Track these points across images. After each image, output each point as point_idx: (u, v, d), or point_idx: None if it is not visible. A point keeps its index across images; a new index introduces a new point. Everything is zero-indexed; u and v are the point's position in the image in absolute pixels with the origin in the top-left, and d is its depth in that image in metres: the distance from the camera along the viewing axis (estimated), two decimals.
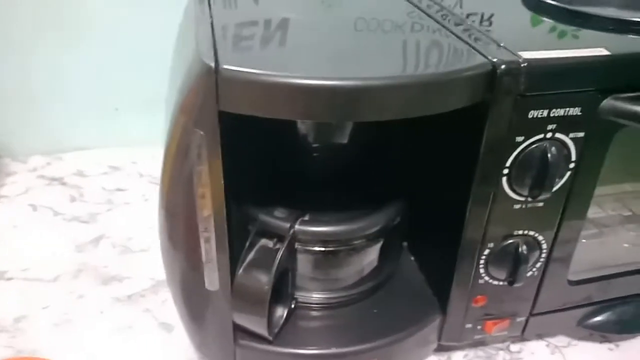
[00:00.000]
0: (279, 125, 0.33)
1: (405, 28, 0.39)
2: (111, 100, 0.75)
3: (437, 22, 0.39)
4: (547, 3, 0.42)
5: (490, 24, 0.39)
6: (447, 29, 0.38)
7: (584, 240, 0.46)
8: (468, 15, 0.41)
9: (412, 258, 0.49)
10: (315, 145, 0.41)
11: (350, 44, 0.36)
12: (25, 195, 0.68)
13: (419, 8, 0.43)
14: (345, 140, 0.40)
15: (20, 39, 0.69)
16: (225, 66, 0.29)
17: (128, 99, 0.75)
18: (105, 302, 0.52)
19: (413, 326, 0.43)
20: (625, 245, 0.48)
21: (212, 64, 0.29)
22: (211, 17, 0.37)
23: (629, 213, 0.48)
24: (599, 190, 0.40)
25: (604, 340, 0.49)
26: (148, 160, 0.74)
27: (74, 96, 0.74)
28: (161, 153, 0.35)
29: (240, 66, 0.29)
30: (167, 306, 0.51)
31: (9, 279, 0.55)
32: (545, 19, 0.42)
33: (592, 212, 0.46)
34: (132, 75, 0.73)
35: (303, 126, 0.39)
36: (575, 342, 0.49)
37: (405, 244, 0.50)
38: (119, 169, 0.73)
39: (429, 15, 0.41)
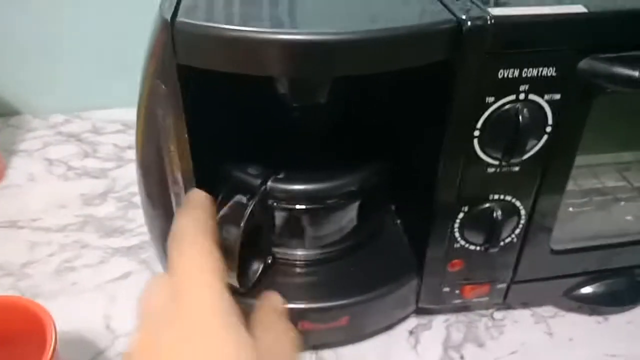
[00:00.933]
0: (256, 82, 0.33)
1: None
2: (125, 60, 0.77)
3: None
4: None
5: None
6: None
7: (570, 209, 0.45)
8: None
9: (399, 221, 0.49)
10: (293, 103, 0.41)
11: None
12: (42, 150, 0.71)
13: None
14: (323, 100, 0.40)
15: (35, 4, 0.71)
16: (181, 19, 0.29)
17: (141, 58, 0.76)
18: (106, 253, 0.54)
19: (389, 285, 0.43)
20: (617, 216, 0.46)
21: (169, 17, 0.29)
22: None
23: (622, 183, 0.46)
24: (585, 158, 0.39)
25: (593, 312, 0.48)
26: None
27: (91, 57, 0.76)
28: None
29: (195, 19, 0.29)
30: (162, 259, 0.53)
31: (20, 227, 0.58)
32: None
33: (581, 180, 0.45)
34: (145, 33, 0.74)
35: (281, 84, 0.39)
36: (562, 313, 0.48)
37: (393, 207, 0.50)
38: (131, 127, 0.74)
39: None
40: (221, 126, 0.40)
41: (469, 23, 0.31)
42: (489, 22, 0.31)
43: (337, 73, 0.30)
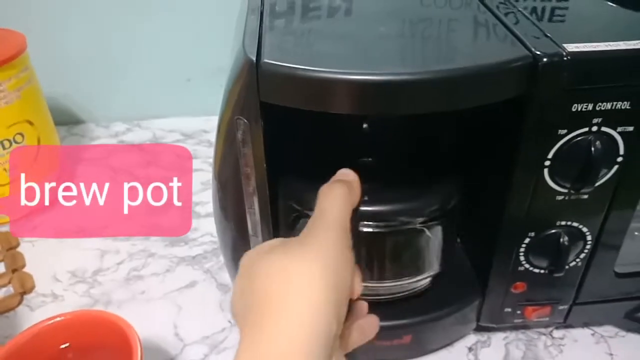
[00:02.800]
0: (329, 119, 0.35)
1: (452, 15, 0.39)
2: (184, 71, 0.79)
3: (488, 9, 0.39)
4: None
5: (544, 12, 0.38)
6: (497, 17, 0.37)
7: (636, 233, 0.45)
8: (523, 2, 0.40)
9: (459, 240, 0.49)
10: (365, 126, 0.42)
11: (394, 34, 0.36)
12: (106, 158, 0.74)
13: None
14: (389, 133, 0.41)
15: (102, 12, 0.74)
16: (267, 60, 0.31)
17: (199, 70, 0.79)
18: (172, 262, 0.57)
19: (452, 305, 0.44)
20: None
21: (254, 58, 0.31)
22: (262, 5, 0.39)
23: None
24: None
25: None
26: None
27: (151, 68, 0.79)
28: None
29: (280, 60, 0.31)
30: (225, 268, 0.55)
31: (89, 235, 0.61)
32: (609, 3, 0.40)
33: None
34: (203, 47, 0.76)
35: (349, 121, 0.40)
36: (623, 333, 0.48)
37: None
38: (190, 137, 0.77)
39: (481, 2, 0.40)
40: (296, 150, 0.42)
41: (544, 59, 0.32)
42: (565, 58, 0.32)
43: (415, 110, 0.31)
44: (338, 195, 0.30)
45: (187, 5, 0.74)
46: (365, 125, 0.42)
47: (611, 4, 0.40)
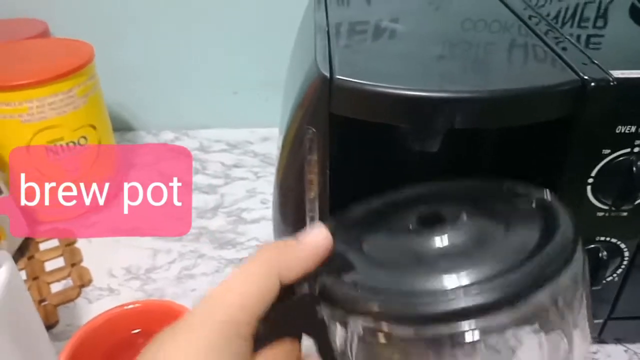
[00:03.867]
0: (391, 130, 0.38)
1: (505, 41, 0.42)
2: (231, 85, 0.83)
3: (537, 36, 0.42)
4: None
5: (590, 39, 0.41)
6: (546, 43, 0.40)
7: None
8: (569, 29, 0.43)
9: None
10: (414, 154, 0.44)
11: (451, 55, 0.39)
12: (156, 164, 0.78)
13: (522, 20, 0.45)
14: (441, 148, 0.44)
15: (158, 28, 0.79)
16: (339, 76, 0.34)
17: (245, 84, 0.83)
18: (220, 263, 0.60)
19: None
20: None
21: (328, 74, 0.34)
22: (328, 26, 0.43)
23: None
24: None
25: None
26: (261, 142, 0.82)
27: (200, 80, 0.83)
28: (273, 135, 0.42)
29: (351, 77, 0.34)
30: None
31: (142, 235, 0.65)
32: None
33: None
34: (249, 63, 0.81)
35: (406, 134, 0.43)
36: None
37: None
38: (236, 147, 0.81)
39: (529, 29, 0.43)
40: (358, 164, 0.44)
41: (592, 84, 0.35)
42: (611, 84, 0.35)
43: (471, 125, 0.34)
44: (253, 268, 0.25)
45: (235, 24, 0.79)
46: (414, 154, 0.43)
47: None
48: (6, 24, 0.76)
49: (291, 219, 0.44)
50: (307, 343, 0.27)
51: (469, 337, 0.24)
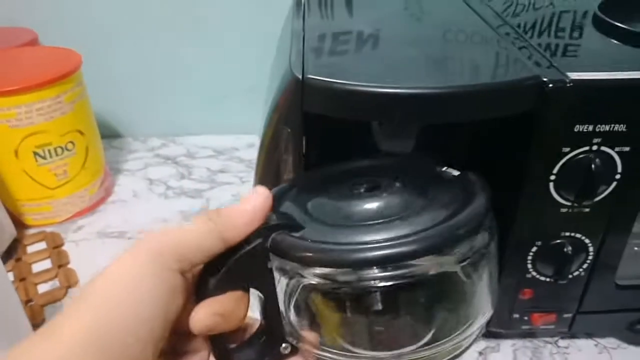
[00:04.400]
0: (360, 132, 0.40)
1: (472, 45, 0.44)
2: (217, 92, 0.85)
3: (504, 41, 0.44)
4: (613, 25, 0.45)
5: (551, 45, 0.43)
6: (511, 48, 0.42)
7: (635, 248, 0.48)
8: (533, 36, 0.45)
9: None
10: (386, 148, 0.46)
11: (419, 56, 0.41)
12: (144, 170, 0.80)
13: (491, 27, 0.47)
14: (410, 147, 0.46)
15: (145, 36, 0.81)
16: (310, 76, 0.36)
17: (232, 91, 0.85)
18: None
19: None
20: None
21: (300, 75, 0.36)
22: (304, 31, 0.45)
23: None
24: None
25: None
26: (246, 148, 0.83)
27: (187, 88, 0.85)
28: (258, 142, 0.44)
29: (322, 76, 0.36)
30: None
31: (129, 238, 0.66)
32: (613, 41, 0.45)
33: None
34: (235, 71, 0.83)
35: (376, 130, 0.45)
36: (625, 345, 0.52)
37: None
38: (222, 153, 0.83)
39: (497, 35, 0.45)
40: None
41: (550, 85, 0.37)
42: (568, 85, 0.37)
43: (443, 119, 0.36)
44: (195, 224, 0.28)
45: (221, 34, 0.81)
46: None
47: (615, 41, 0.45)
48: None
49: None
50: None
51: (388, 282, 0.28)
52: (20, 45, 0.73)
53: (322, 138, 0.39)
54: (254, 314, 0.32)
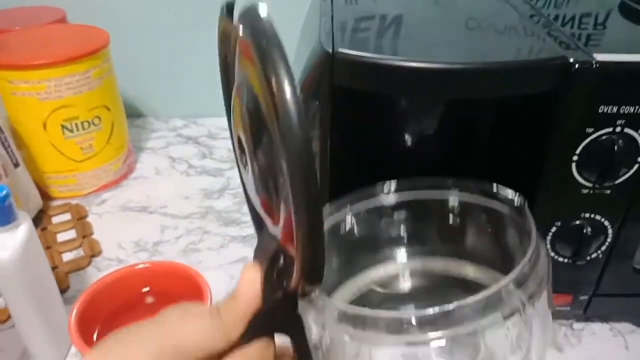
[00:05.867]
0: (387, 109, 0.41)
1: (501, 25, 0.44)
2: None
3: (532, 24, 0.45)
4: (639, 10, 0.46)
5: (579, 28, 0.44)
6: (540, 30, 0.43)
7: None
8: (562, 21, 0.46)
9: None
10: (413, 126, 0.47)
11: (449, 35, 0.42)
12: (166, 149, 0.81)
13: (518, 13, 0.48)
14: (437, 122, 0.47)
15: (173, 19, 0.82)
16: (340, 50, 0.37)
17: None
18: (225, 239, 0.63)
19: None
20: None
21: (330, 50, 0.37)
22: (332, 11, 0.45)
23: None
24: None
25: None
26: None
27: (209, 71, 0.86)
28: None
29: (352, 50, 0.37)
30: None
31: (151, 212, 0.68)
32: (638, 26, 0.45)
33: None
34: None
35: (402, 108, 0.46)
36: (639, 330, 0.52)
37: None
38: None
39: (525, 18, 0.46)
40: (360, 141, 0.47)
41: (577, 65, 0.37)
42: (594, 66, 0.37)
43: (471, 95, 0.37)
44: (199, 324, 0.28)
45: None
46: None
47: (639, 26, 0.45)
48: (28, 11, 0.79)
49: None
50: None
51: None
52: (50, 23, 0.74)
53: (349, 114, 0.40)
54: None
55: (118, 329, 0.26)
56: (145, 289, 0.44)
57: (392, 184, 0.42)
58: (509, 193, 0.39)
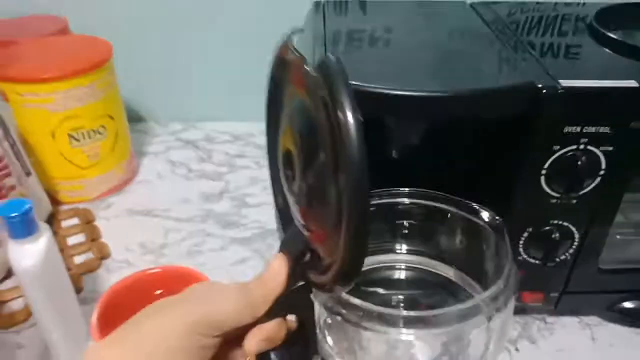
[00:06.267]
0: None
1: (478, 51, 0.49)
2: (236, 82, 0.90)
3: (505, 49, 0.49)
4: (606, 35, 0.50)
5: (552, 54, 0.48)
6: (512, 56, 0.48)
7: (617, 237, 0.54)
8: (534, 45, 0.50)
9: None
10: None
11: (430, 61, 0.46)
12: (166, 153, 0.85)
13: (495, 34, 0.52)
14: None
15: (171, 27, 0.86)
16: None
17: (249, 81, 0.90)
18: (225, 241, 0.67)
19: None
20: None
21: None
22: (324, 32, 0.50)
23: None
24: (632, 196, 0.49)
25: (633, 325, 0.57)
26: (262, 134, 0.88)
27: (207, 76, 0.90)
28: None
29: None
30: (271, 249, 0.65)
31: (155, 215, 0.72)
32: (605, 49, 0.50)
33: (629, 214, 0.54)
34: (253, 63, 0.87)
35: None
36: (605, 323, 0.57)
37: None
38: (239, 138, 0.88)
39: (501, 43, 0.50)
40: None
41: (544, 91, 0.42)
42: (559, 91, 0.42)
43: (442, 118, 0.42)
44: (231, 300, 0.32)
45: (241, 27, 0.85)
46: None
47: (607, 50, 0.50)
48: (29, 20, 0.82)
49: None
50: None
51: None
52: (53, 33, 0.77)
53: None
54: None
55: None
56: (158, 292, 0.48)
57: (395, 190, 0.47)
58: (491, 215, 0.44)
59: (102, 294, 0.46)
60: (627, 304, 0.55)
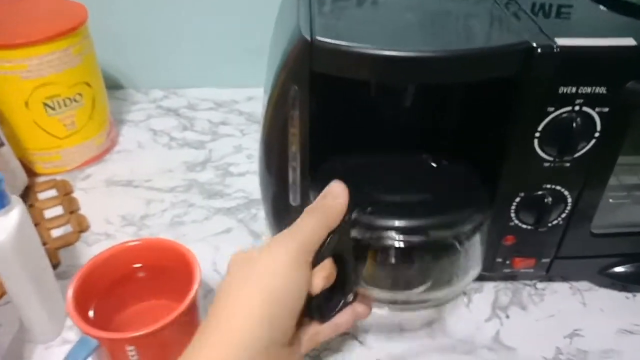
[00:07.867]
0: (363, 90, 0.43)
1: (470, 10, 0.46)
2: (218, 47, 0.87)
3: (498, 6, 0.47)
4: None
5: (545, 12, 0.46)
6: (505, 14, 0.45)
7: (610, 200, 0.53)
8: (526, 4, 0.48)
9: None
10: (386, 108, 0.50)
11: (420, 21, 0.44)
12: (147, 121, 0.82)
13: None
14: (408, 104, 0.49)
15: None
16: (319, 38, 0.39)
17: (232, 48, 0.87)
18: (209, 212, 0.65)
19: None
20: None
21: (309, 37, 0.39)
22: None
23: None
24: (627, 159, 0.47)
25: (623, 289, 0.56)
26: (246, 101, 0.86)
27: (189, 42, 0.86)
28: (257, 95, 0.46)
29: (330, 38, 0.39)
30: (256, 219, 0.64)
31: (136, 186, 0.69)
32: (601, 7, 0.48)
33: (622, 177, 0.53)
34: (236, 29, 0.84)
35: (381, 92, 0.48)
36: (596, 288, 0.57)
37: None
38: (222, 105, 0.86)
39: (496, 3, 0.48)
40: (337, 120, 0.49)
41: (539, 50, 0.40)
42: (555, 50, 0.40)
43: (435, 81, 0.40)
44: (310, 220, 0.37)
45: None
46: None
47: (603, 8, 0.48)
48: None
49: (275, 170, 0.49)
50: None
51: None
52: None
53: (328, 98, 0.42)
54: None
55: (114, 303, 0.29)
56: (137, 265, 0.46)
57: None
58: None
59: (79, 268, 0.44)
60: (619, 269, 0.55)
